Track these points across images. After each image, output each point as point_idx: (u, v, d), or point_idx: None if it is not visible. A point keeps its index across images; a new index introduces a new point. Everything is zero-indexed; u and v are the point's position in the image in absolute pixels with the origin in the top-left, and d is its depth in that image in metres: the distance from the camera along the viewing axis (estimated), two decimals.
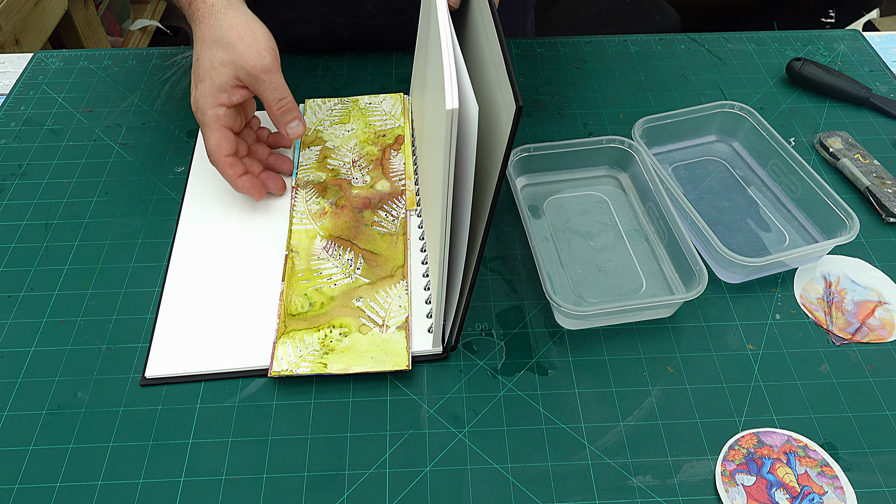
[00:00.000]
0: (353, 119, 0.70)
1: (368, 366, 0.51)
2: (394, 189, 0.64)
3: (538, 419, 0.50)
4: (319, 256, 0.58)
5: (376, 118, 0.70)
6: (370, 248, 0.59)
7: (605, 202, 0.65)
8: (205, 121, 0.57)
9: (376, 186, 0.64)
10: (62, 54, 0.82)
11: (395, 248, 0.59)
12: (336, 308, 0.55)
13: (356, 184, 0.64)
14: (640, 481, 0.47)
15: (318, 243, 0.59)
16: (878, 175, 0.65)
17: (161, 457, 0.48)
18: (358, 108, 0.71)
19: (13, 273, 0.59)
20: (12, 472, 0.47)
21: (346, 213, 0.61)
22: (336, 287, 0.56)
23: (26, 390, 0.52)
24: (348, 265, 0.57)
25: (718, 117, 0.69)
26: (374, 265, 0.58)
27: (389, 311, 0.55)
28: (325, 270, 0.57)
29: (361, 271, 0.57)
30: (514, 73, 0.38)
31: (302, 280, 0.57)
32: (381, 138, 0.68)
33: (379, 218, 0.61)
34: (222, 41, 0.56)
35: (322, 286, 0.56)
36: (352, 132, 0.69)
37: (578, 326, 0.55)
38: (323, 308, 0.55)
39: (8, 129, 0.72)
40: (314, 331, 0.53)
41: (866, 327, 0.55)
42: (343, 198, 0.63)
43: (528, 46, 0.83)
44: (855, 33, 0.85)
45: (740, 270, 0.57)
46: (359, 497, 0.46)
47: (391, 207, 0.62)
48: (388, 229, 0.60)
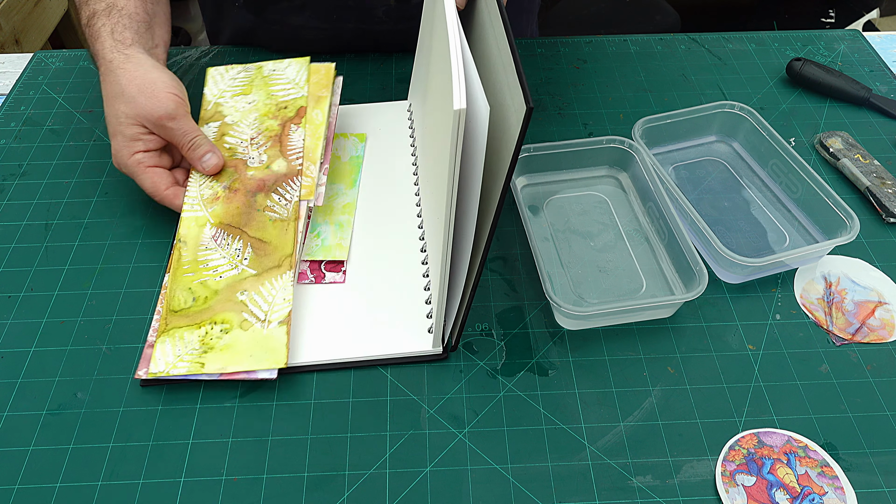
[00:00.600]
0: (256, 88, 0.67)
1: (246, 364, 0.50)
2: (290, 169, 0.61)
3: (538, 419, 0.50)
4: (207, 247, 0.57)
5: (279, 87, 0.67)
6: (259, 236, 0.57)
7: (605, 202, 0.65)
8: (130, 169, 0.59)
9: (272, 167, 0.61)
10: (62, 54, 0.82)
11: (285, 236, 0.57)
12: (219, 303, 0.54)
13: (252, 164, 0.62)
14: (641, 482, 0.47)
15: (207, 232, 0.58)
16: (878, 175, 0.65)
17: (161, 457, 0.48)
18: (261, 77, 0.68)
19: (13, 273, 0.59)
20: (12, 473, 0.47)
21: (238, 197, 0.60)
22: (221, 280, 0.55)
23: (26, 390, 0.52)
24: (236, 255, 0.56)
25: (718, 117, 0.69)
26: (261, 254, 0.56)
27: (273, 304, 0.53)
28: (211, 261, 0.56)
29: (248, 262, 0.56)
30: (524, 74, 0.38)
31: (187, 273, 0.55)
32: (282, 111, 0.65)
33: (272, 202, 0.59)
34: (123, 95, 0.58)
35: (207, 279, 0.55)
36: (253, 104, 0.66)
37: (578, 326, 0.55)
38: (206, 303, 0.54)
39: (8, 129, 0.72)
40: (195, 328, 0.52)
41: (866, 327, 0.55)
42: (237, 180, 0.61)
43: (528, 46, 0.83)
44: (855, 33, 0.85)
45: (740, 270, 0.57)
46: (359, 497, 0.46)
47: (285, 190, 0.60)
48: (280, 214, 0.58)
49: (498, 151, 0.43)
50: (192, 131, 0.59)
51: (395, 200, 0.64)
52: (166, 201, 0.59)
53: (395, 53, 0.81)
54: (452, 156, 0.41)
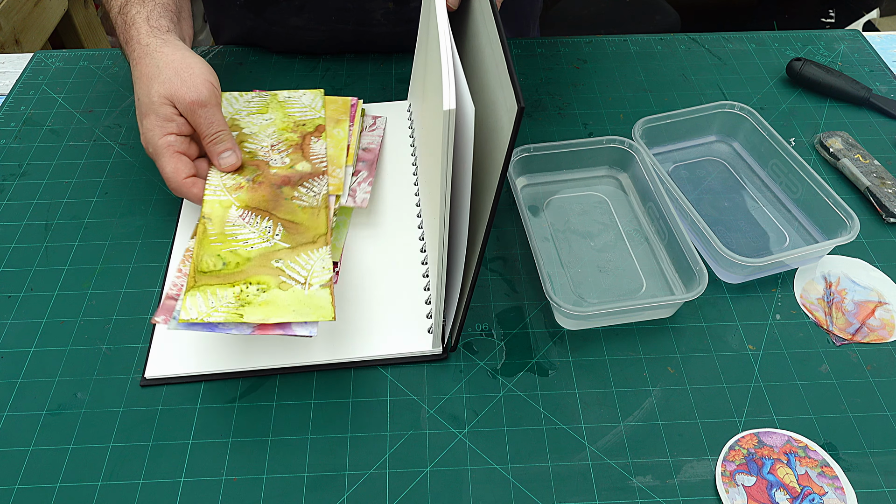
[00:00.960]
0: (273, 110, 0.67)
1: (290, 317, 0.47)
2: (314, 169, 0.60)
3: (538, 419, 0.50)
4: (235, 223, 0.54)
5: (295, 110, 0.67)
6: (290, 218, 0.55)
7: (605, 202, 0.65)
8: (157, 150, 0.57)
9: (296, 167, 0.60)
10: (62, 54, 0.82)
11: (316, 219, 0.55)
12: (253, 267, 0.51)
13: (274, 164, 0.60)
14: (641, 482, 0.47)
15: (234, 212, 0.55)
16: (878, 175, 0.65)
17: (161, 457, 0.48)
18: (277, 101, 0.68)
19: (13, 273, 0.59)
20: (12, 473, 0.47)
21: (263, 188, 0.58)
22: (253, 250, 0.52)
23: (26, 390, 0.52)
24: (266, 231, 0.54)
25: (718, 117, 0.69)
26: (294, 232, 0.54)
27: (312, 271, 0.50)
28: (241, 235, 0.53)
29: (281, 237, 0.53)
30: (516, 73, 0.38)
31: (215, 243, 0.52)
32: (300, 127, 0.65)
33: (299, 193, 0.57)
34: (159, 77, 0.57)
35: (238, 249, 0.52)
36: (270, 121, 0.65)
37: (578, 327, 0.55)
38: (238, 267, 0.51)
39: (8, 129, 0.72)
40: (228, 286, 0.49)
41: (866, 327, 0.55)
42: (261, 175, 0.59)
43: (528, 46, 0.83)
44: (855, 33, 0.85)
45: (740, 271, 0.57)
46: (359, 498, 0.46)
47: (311, 185, 0.59)
48: (309, 203, 0.57)
49: (491, 151, 0.44)
50: (219, 124, 0.58)
51: (395, 200, 0.64)
52: (183, 189, 0.57)
53: (395, 54, 0.81)
54: (444, 156, 0.41)
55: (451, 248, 0.49)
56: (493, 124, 0.44)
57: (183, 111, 0.57)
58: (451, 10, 0.55)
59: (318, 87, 0.77)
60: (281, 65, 0.80)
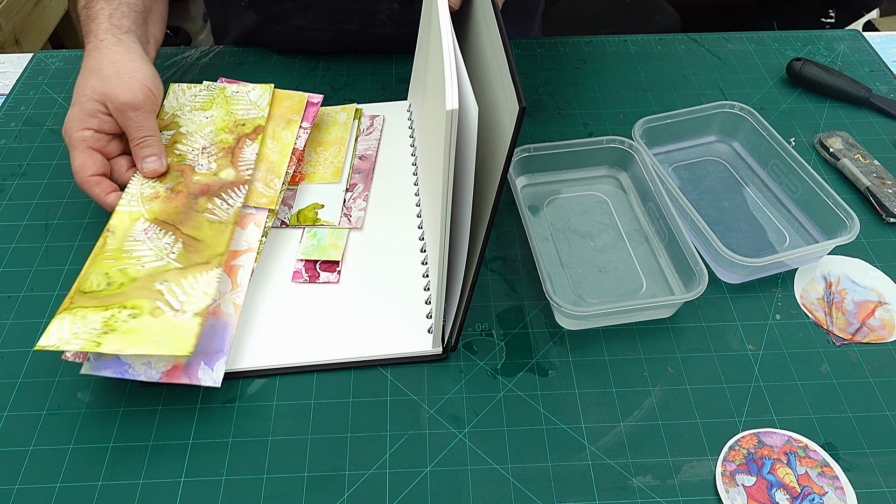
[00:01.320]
0: (217, 106, 0.66)
1: (147, 348, 0.47)
2: (237, 178, 0.60)
3: (538, 419, 0.50)
4: (136, 238, 0.54)
5: (240, 107, 0.66)
6: (193, 235, 0.55)
7: (605, 202, 0.65)
8: (71, 142, 0.58)
9: (220, 174, 0.60)
10: (62, 54, 0.82)
11: (220, 237, 0.55)
12: (134, 290, 0.50)
13: (200, 170, 0.60)
14: (641, 482, 0.47)
15: (139, 225, 0.55)
16: (878, 175, 0.65)
17: (161, 457, 0.48)
18: (223, 96, 0.67)
19: (13, 273, 0.59)
20: (12, 472, 0.47)
21: (179, 198, 0.58)
22: (143, 269, 0.52)
23: (26, 390, 0.52)
24: (164, 248, 0.54)
25: (718, 117, 0.69)
26: (192, 251, 0.54)
27: (192, 296, 0.50)
28: (136, 251, 0.53)
29: (176, 256, 0.53)
30: (517, 74, 0.38)
31: (108, 259, 0.52)
32: (239, 127, 0.64)
33: (213, 206, 0.57)
34: (100, 73, 0.58)
35: (128, 267, 0.52)
36: (210, 119, 0.65)
37: (578, 327, 0.55)
38: (121, 288, 0.50)
39: (8, 129, 0.72)
40: (101, 309, 0.49)
41: (866, 327, 0.55)
42: (182, 183, 0.59)
43: (528, 46, 0.83)
44: (855, 33, 0.85)
45: (740, 270, 0.57)
46: (359, 498, 0.46)
47: (228, 195, 0.58)
48: (219, 217, 0.57)
49: (492, 151, 0.44)
50: (149, 129, 0.59)
51: (395, 200, 0.64)
52: (86, 186, 0.57)
53: (395, 54, 0.81)
54: (446, 156, 0.41)
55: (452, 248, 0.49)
56: (494, 124, 0.44)
57: (113, 111, 0.58)
58: (452, 10, 0.55)
59: (318, 87, 0.77)
60: (281, 65, 0.80)
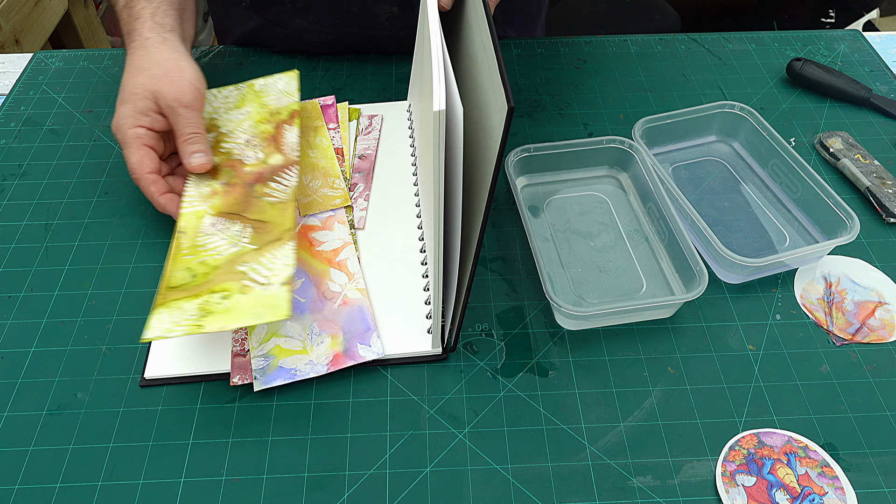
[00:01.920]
0: (249, 102, 0.68)
1: (248, 320, 0.49)
2: (286, 160, 0.62)
3: (538, 420, 0.50)
4: (207, 233, 0.56)
5: (271, 98, 0.68)
6: (259, 218, 0.57)
7: (605, 202, 0.65)
8: (125, 139, 0.58)
9: (269, 161, 0.62)
10: (62, 54, 0.82)
11: (283, 214, 0.57)
12: (219, 275, 0.52)
13: (248, 161, 0.62)
14: (641, 482, 0.47)
15: (207, 220, 0.57)
16: (878, 175, 0.65)
17: (161, 457, 0.48)
18: (253, 91, 0.69)
19: (13, 273, 0.59)
20: (12, 473, 0.47)
21: (237, 189, 0.60)
22: (221, 257, 0.54)
23: (26, 390, 0.52)
24: (235, 235, 0.56)
25: (718, 117, 0.69)
26: (262, 232, 0.56)
27: (273, 269, 0.52)
28: (210, 244, 0.55)
29: (248, 239, 0.55)
30: (507, 74, 0.38)
31: (186, 256, 0.54)
32: (275, 115, 0.66)
33: (270, 189, 0.59)
34: (148, 71, 0.59)
35: (207, 258, 0.54)
36: (246, 114, 0.67)
37: (579, 327, 0.55)
38: (206, 277, 0.52)
39: (8, 129, 0.72)
40: (193, 298, 0.51)
41: (867, 328, 0.55)
42: (235, 177, 0.61)
43: (528, 46, 0.83)
44: (855, 33, 0.85)
45: (740, 271, 0.57)
46: (359, 498, 0.46)
47: (282, 178, 0.60)
48: (278, 198, 0.59)
49: (484, 152, 0.44)
50: (196, 126, 0.59)
51: (395, 200, 0.64)
52: (143, 182, 0.58)
53: (395, 54, 0.81)
54: (435, 156, 0.41)
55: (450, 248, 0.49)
56: (486, 124, 0.44)
57: (164, 108, 0.59)
58: (444, 10, 0.56)
59: (318, 87, 0.77)
60: (281, 65, 0.80)
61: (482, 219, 0.43)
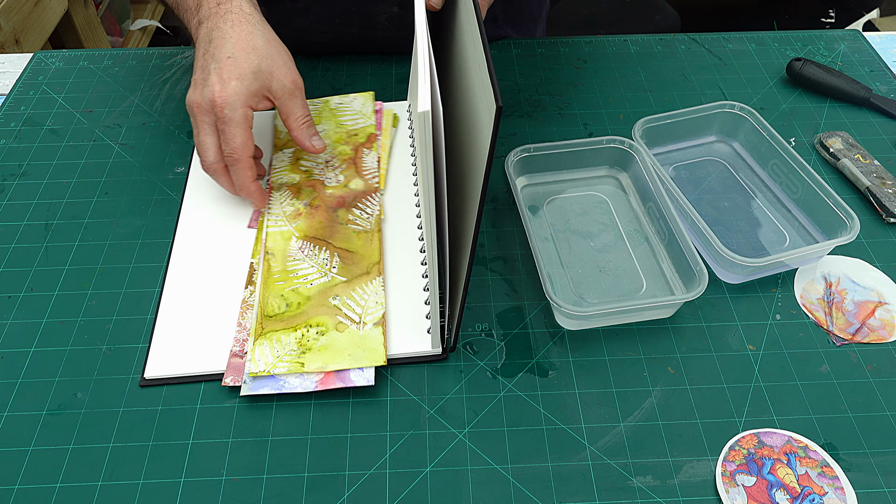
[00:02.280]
0: (325, 119, 0.70)
1: (346, 363, 0.51)
2: (367, 187, 0.64)
3: (538, 420, 0.50)
4: (295, 257, 0.58)
5: (347, 118, 0.70)
6: (345, 247, 0.59)
7: (605, 202, 0.65)
8: (233, 118, 0.55)
9: (350, 185, 0.64)
10: (62, 54, 0.82)
11: (370, 246, 0.59)
12: (313, 307, 0.54)
13: (329, 183, 0.64)
14: (641, 482, 0.47)
15: (294, 244, 0.59)
16: (878, 175, 0.65)
17: (161, 457, 0.48)
18: (329, 109, 0.71)
19: (13, 273, 0.59)
20: (12, 473, 0.47)
21: (320, 212, 0.61)
22: (313, 287, 0.56)
23: (26, 390, 0.52)
24: (324, 264, 0.57)
25: (719, 117, 0.69)
26: (349, 263, 0.57)
27: (366, 308, 0.54)
28: (301, 271, 0.57)
29: (337, 269, 0.57)
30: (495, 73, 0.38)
31: (278, 281, 0.56)
32: (353, 137, 0.68)
33: (353, 216, 0.61)
34: (261, 50, 0.56)
35: (298, 286, 0.56)
36: (323, 133, 0.69)
37: (579, 327, 0.55)
38: (300, 308, 0.54)
39: (8, 129, 0.72)
40: (291, 331, 0.53)
41: (867, 328, 0.55)
42: (317, 198, 0.63)
43: (528, 46, 0.83)
44: (855, 33, 0.85)
45: (740, 271, 0.57)
46: (359, 498, 0.46)
47: (365, 205, 0.62)
48: (363, 227, 0.60)
49: (477, 151, 0.44)
50: (308, 109, 0.59)
51: (395, 201, 0.64)
52: (241, 165, 0.57)
53: (395, 54, 0.81)
54: (423, 157, 0.41)
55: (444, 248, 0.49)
56: (475, 124, 0.44)
57: (278, 90, 0.57)
58: (434, 10, 0.56)
59: (318, 87, 0.77)
60: None
61: (476, 218, 0.43)
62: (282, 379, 0.51)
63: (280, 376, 0.51)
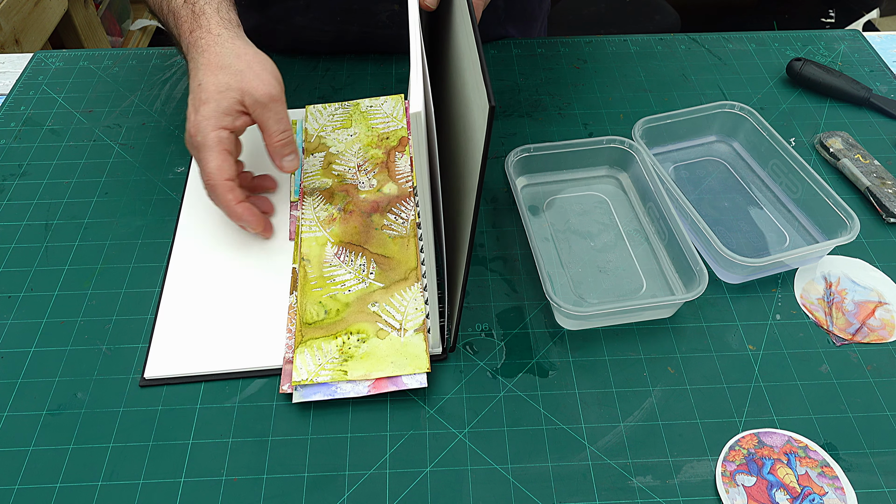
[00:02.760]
0: (356, 123, 0.69)
1: (389, 370, 0.50)
2: (401, 191, 0.63)
3: (538, 420, 0.50)
4: (331, 263, 0.57)
5: (378, 121, 0.69)
6: (382, 252, 0.58)
7: (605, 202, 0.65)
8: (206, 143, 0.54)
9: (383, 189, 0.63)
10: (62, 54, 0.82)
11: (406, 251, 0.58)
12: (352, 314, 0.54)
13: (363, 188, 0.63)
14: (641, 482, 0.47)
15: (329, 250, 0.58)
16: (878, 175, 0.65)
17: (161, 457, 0.48)
18: (359, 112, 0.70)
19: (13, 273, 0.59)
20: (12, 473, 0.47)
21: (354, 217, 0.60)
22: (351, 293, 0.55)
23: (26, 390, 0.52)
24: (361, 270, 0.56)
25: (719, 117, 0.69)
26: (386, 269, 0.57)
27: (406, 314, 0.54)
28: (338, 277, 0.56)
29: (375, 276, 0.56)
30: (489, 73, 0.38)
31: (315, 288, 0.56)
32: (384, 141, 0.67)
33: (388, 221, 0.60)
34: (230, 67, 0.56)
35: (336, 293, 0.55)
36: (354, 136, 0.68)
37: (579, 327, 0.55)
38: (339, 315, 0.54)
39: (8, 129, 0.72)
40: (332, 338, 0.52)
41: (867, 328, 0.55)
42: (351, 203, 0.62)
43: (529, 46, 0.83)
44: (855, 33, 0.85)
45: (740, 271, 0.57)
46: (359, 498, 0.46)
47: (400, 210, 0.61)
48: (399, 232, 0.59)
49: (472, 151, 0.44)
50: (286, 123, 0.57)
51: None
52: (220, 190, 0.55)
53: (395, 54, 0.81)
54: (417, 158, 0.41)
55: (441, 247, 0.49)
56: (470, 124, 0.44)
57: (252, 105, 0.56)
58: (429, 10, 0.56)
59: (318, 87, 0.77)
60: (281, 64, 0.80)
61: (472, 218, 0.43)
62: (334, 385, 0.50)
63: (331, 383, 0.50)
